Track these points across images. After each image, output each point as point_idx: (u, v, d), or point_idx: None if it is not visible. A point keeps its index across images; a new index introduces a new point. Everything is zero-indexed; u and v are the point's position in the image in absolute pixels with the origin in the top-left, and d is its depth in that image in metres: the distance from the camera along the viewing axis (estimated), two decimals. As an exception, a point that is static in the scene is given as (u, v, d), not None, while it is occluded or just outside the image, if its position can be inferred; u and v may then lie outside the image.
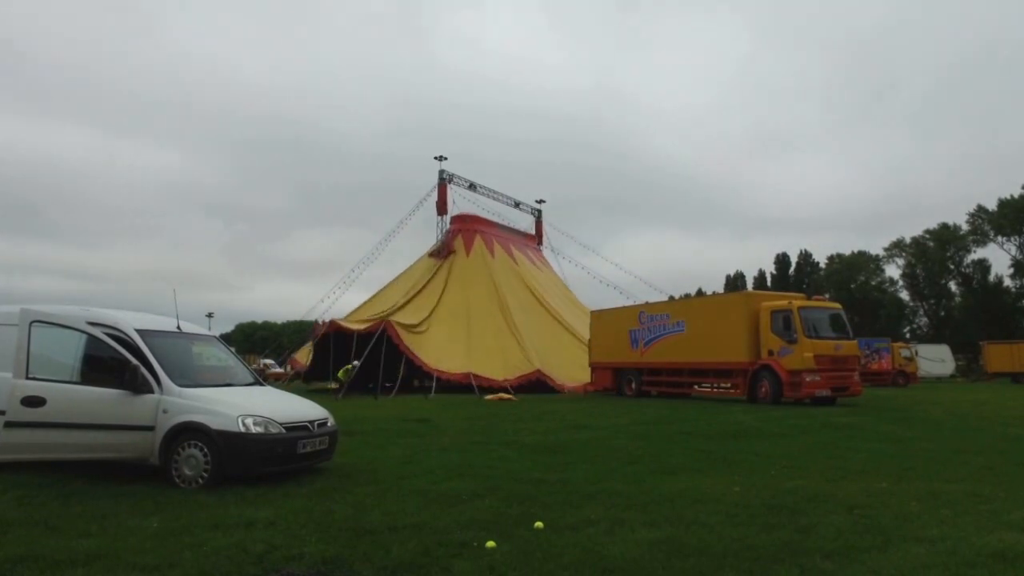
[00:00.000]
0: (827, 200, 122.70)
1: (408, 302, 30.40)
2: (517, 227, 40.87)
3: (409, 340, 27.38)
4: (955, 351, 48.60)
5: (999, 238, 65.74)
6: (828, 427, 13.06)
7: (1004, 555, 4.58)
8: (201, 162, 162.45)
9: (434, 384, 26.57)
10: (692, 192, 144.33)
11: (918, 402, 21.13)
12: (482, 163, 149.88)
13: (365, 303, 34.19)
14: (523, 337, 29.32)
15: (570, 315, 33.68)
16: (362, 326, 27.89)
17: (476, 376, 26.40)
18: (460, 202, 37.26)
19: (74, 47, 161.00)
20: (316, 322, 32.80)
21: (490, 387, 25.86)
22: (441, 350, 27.99)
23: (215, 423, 7.11)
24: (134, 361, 7.44)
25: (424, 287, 32.31)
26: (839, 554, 4.67)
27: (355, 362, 26.20)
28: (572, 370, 28.03)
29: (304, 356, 31.83)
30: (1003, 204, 64.05)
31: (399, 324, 27.67)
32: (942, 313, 72.58)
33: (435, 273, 33.81)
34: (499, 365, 27.61)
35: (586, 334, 27.64)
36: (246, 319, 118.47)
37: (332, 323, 29.18)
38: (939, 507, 6.06)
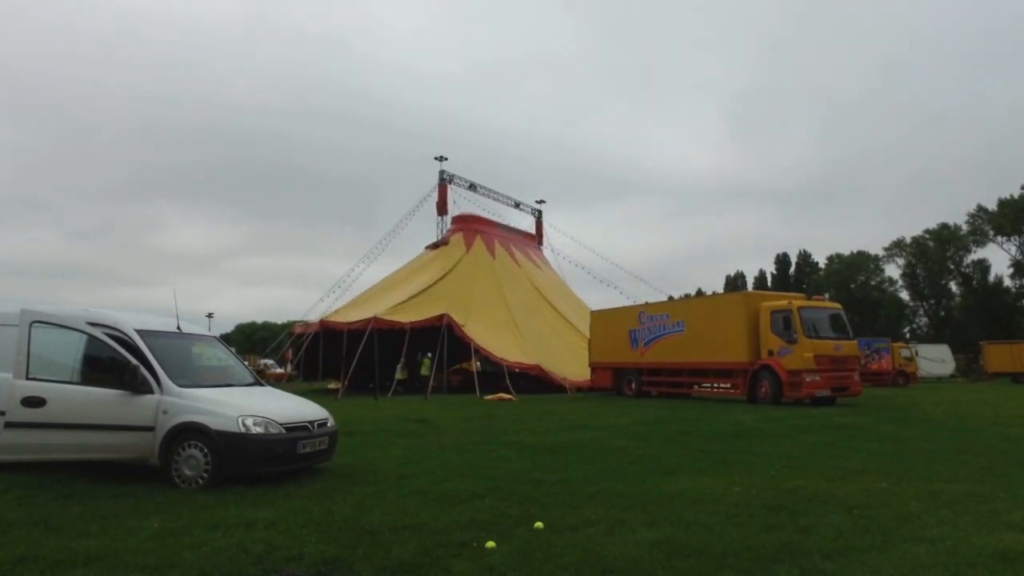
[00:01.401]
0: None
1: (410, 299, 30.33)
2: (518, 227, 40.92)
3: (471, 331, 27.79)
4: (955, 351, 48.52)
5: (999, 238, 65.77)
6: (828, 427, 13.06)
7: (1004, 555, 4.58)
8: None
9: (430, 385, 26.59)
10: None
11: (918, 402, 21.12)
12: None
13: (358, 299, 33.95)
14: (523, 334, 29.31)
15: (572, 314, 33.65)
16: (365, 316, 27.85)
17: (543, 370, 27.05)
18: (460, 202, 37.37)
19: None
20: (297, 323, 32.84)
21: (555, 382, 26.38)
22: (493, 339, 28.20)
23: (215, 423, 7.11)
24: (134, 361, 7.44)
25: (429, 286, 32.26)
26: (839, 554, 4.67)
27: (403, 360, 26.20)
28: (576, 368, 28.09)
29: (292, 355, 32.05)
30: (1003, 204, 64.06)
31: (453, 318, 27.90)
32: (942, 313, 72.58)
33: (433, 269, 33.79)
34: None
35: (588, 333, 27.67)
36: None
37: (323, 322, 29.17)
38: (939, 507, 6.06)
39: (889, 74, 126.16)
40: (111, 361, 7.58)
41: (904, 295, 75.46)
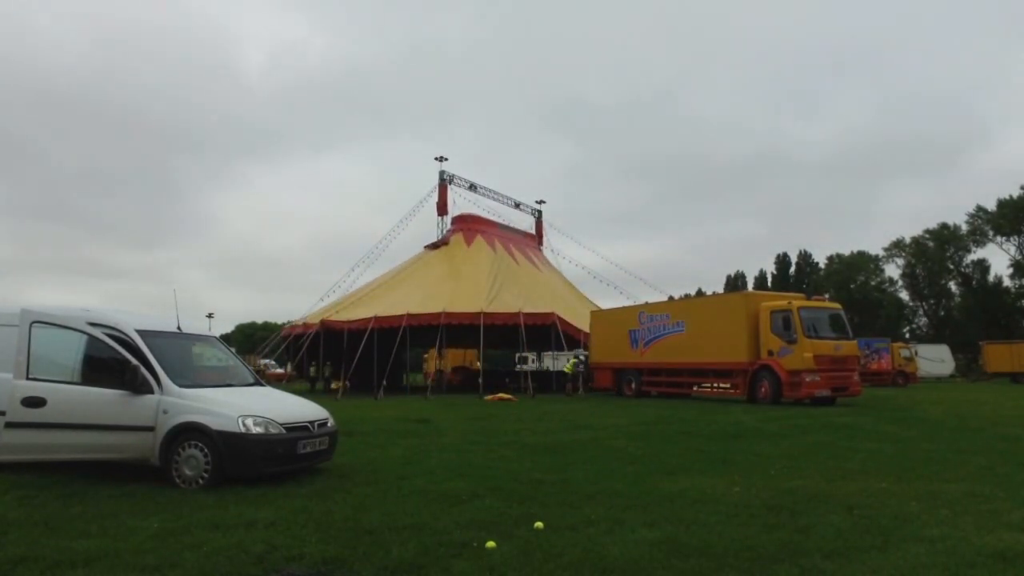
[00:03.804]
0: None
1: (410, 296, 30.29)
2: (518, 227, 40.92)
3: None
4: (955, 351, 48.58)
5: (998, 238, 65.74)
6: (828, 427, 13.06)
7: (1004, 555, 4.59)
8: None
9: (430, 385, 26.62)
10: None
11: (918, 402, 21.13)
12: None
13: (356, 299, 33.91)
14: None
15: (572, 313, 33.61)
16: (368, 313, 27.80)
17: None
18: (461, 203, 37.40)
19: None
20: (287, 324, 32.78)
21: None
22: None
23: (215, 423, 7.11)
24: (134, 361, 7.44)
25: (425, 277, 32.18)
26: (839, 554, 4.67)
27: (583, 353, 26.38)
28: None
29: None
30: (1002, 204, 64.00)
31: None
32: (942, 313, 72.59)
33: (432, 267, 33.77)
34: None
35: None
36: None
37: (323, 322, 29.16)
38: (939, 507, 6.06)
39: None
40: (111, 361, 7.58)
41: (904, 295, 75.53)
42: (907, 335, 69.18)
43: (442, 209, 36.84)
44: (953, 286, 71.99)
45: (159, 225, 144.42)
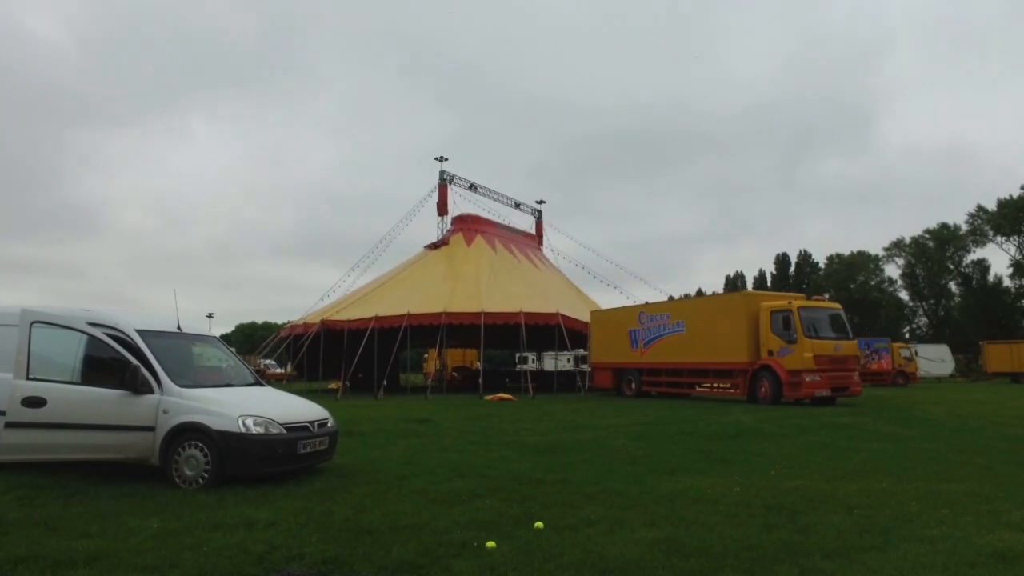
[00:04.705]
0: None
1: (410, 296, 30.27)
2: (518, 227, 40.90)
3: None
4: (955, 351, 48.55)
5: (998, 238, 65.78)
6: (828, 427, 13.06)
7: (1004, 555, 4.59)
8: None
9: (429, 384, 26.63)
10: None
11: (918, 402, 21.13)
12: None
13: (356, 299, 33.91)
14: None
15: (574, 311, 33.59)
16: (369, 313, 27.81)
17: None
18: (460, 203, 37.37)
19: None
20: (288, 324, 32.74)
21: None
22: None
23: (216, 423, 7.11)
24: (134, 361, 7.44)
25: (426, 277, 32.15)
26: (839, 554, 4.67)
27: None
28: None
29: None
30: (1002, 204, 64.03)
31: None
32: (942, 313, 72.65)
33: (433, 267, 33.76)
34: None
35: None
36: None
37: (324, 321, 29.16)
38: (939, 507, 6.07)
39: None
40: (111, 361, 7.58)
41: (904, 295, 75.59)
42: (907, 335, 69.25)
43: (442, 209, 36.80)
44: (953, 286, 72.11)
45: (44, 213, 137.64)
